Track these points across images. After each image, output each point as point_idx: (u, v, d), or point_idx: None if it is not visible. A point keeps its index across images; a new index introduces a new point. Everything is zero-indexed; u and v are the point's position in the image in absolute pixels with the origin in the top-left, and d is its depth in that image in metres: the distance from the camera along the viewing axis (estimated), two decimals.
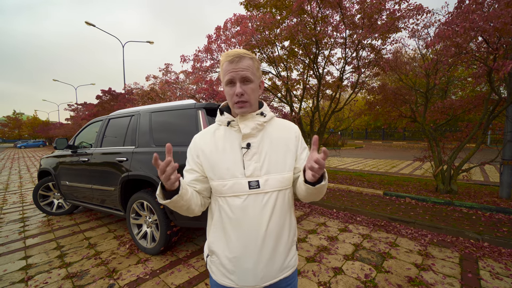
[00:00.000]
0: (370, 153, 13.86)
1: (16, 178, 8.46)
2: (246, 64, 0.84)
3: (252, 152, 0.88)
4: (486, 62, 3.75)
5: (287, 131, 0.96)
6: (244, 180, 0.86)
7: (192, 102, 2.58)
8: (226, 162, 0.88)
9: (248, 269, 0.86)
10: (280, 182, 0.89)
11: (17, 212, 4.45)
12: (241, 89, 0.84)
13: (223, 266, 0.89)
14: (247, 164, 0.87)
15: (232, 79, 0.84)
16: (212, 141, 0.92)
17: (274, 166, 0.89)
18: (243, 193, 0.86)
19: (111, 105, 15.06)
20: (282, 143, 0.93)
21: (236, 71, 0.83)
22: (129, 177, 2.73)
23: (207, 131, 0.96)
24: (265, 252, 0.86)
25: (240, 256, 0.86)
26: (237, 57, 0.83)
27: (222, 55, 0.87)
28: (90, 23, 14.46)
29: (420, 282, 2.14)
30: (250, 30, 5.10)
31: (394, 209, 3.95)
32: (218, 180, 0.88)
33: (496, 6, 3.14)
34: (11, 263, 2.61)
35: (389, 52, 5.43)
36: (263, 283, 0.88)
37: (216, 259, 0.91)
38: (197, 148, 0.92)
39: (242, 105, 0.86)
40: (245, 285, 0.87)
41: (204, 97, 7.19)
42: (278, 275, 0.90)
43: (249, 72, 0.84)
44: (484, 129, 4.18)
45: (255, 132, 0.90)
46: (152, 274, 2.34)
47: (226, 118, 0.92)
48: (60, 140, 3.72)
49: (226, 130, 0.93)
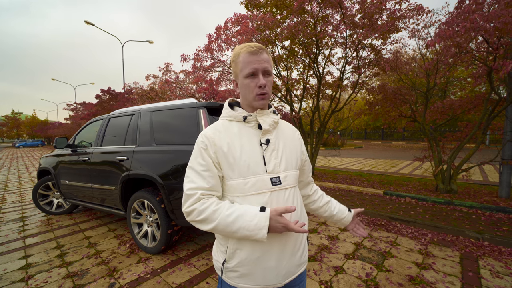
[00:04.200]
0: (370, 153, 13.88)
1: (15, 177, 8.42)
2: (266, 57, 0.83)
3: (271, 148, 0.87)
4: (486, 62, 3.77)
5: (292, 131, 1.00)
6: (267, 176, 0.84)
7: (193, 101, 2.57)
8: (246, 159, 0.83)
9: (271, 267, 0.83)
10: (295, 178, 0.91)
11: (17, 211, 4.43)
12: (264, 81, 0.83)
13: (245, 269, 0.83)
14: (268, 160, 0.86)
15: (255, 71, 0.82)
16: (228, 137, 0.86)
17: (290, 163, 0.90)
18: (266, 190, 0.83)
19: (110, 105, 15.03)
20: (292, 142, 0.96)
21: (259, 63, 0.81)
22: (130, 176, 2.73)
23: (218, 127, 0.89)
24: (288, 248, 0.86)
25: (263, 256, 0.82)
26: (260, 49, 0.82)
27: (239, 48, 0.85)
28: (89, 22, 14.42)
29: (421, 281, 2.14)
30: (250, 29, 5.10)
31: (394, 208, 3.96)
32: (238, 179, 0.83)
33: (496, 6, 3.15)
34: (11, 262, 2.60)
35: (389, 52, 5.44)
36: (285, 280, 0.86)
37: (237, 262, 0.84)
38: (213, 144, 0.84)
39: (264, 96, 0.84)
40: (267, 284, 0.84)
41: (204, 97, 7.19)
42: (297, 270, 0.90)
43: (269, 65, 0.84)
44: (484, 129, 4.19)
45: (271, 129, 0.90)
46: (153, 273, 2.34)
47: (241, 113, 0.88)
48: (60, 139, 3.70)
49: (240, 126, 0.89)
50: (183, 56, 6.22)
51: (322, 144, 7.17)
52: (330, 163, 9.71)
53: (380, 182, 5.81)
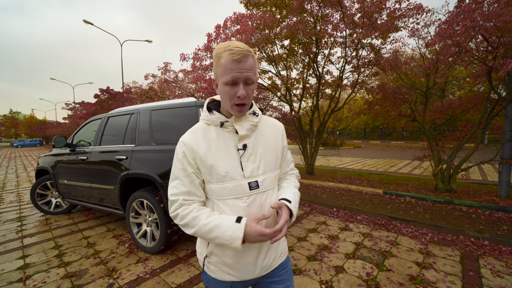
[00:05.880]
0: (369, 153, 13.90)
1: (13, 177, 8.38)
2: (250, 64, 0.78)
3: (248, 153, 0.87)
4: (485, 62, 3.77)
5: (275, 130, 0.98)
6: (244, 181, 0.85)
7: (193, 100, 2.56)
8: (223, 165, 0.84)
9: (249, 263, 0.89)
10: (273, 180, 0.93)
11: (14, 211, 4.40)
12: (245, 92, 0.79)
13: (224, 264, 0.89)
14: (245, 165, 0.86)
15: (236, 80, 0.78)
16: (205, 143, 0.86)
17: (268, 165, 0.91)
18: (244, 194, 0.85)
19: (109, 104, 14.97)
20: (273, 143, 0.95)
21: (241, 72, 0.77)
22: (129, 175, 2.71)
23: (195, 132, 0.89)
24: (264, 246, 0.91)
25: (241, 253, 0.87)
26: (243, 56, 0.76)
27: (222, 48, 0.78)
28: (88, 22, 14.35)
29: (422, 281, 2.14)
30: (250, 28, 5.08)
31: (394, 207, 3.96)
32: (217, 183, 0.85)
33: (496, 6, 3.15)
34: (9, 262, 2.58)
35: (389, 52, 5.44)
36: (263, 272, 0.93)
37: (217, 259, 0.89)
38: (191, 151, 0.85)
39: (242, 108, 0.82)
40: (246, 278, 0.91)
41: (204, 96, 7.16)
42: (273, 264, 0.95)
43: (252, 73, 0.79)
44: (483, 128, 4.19)
45: (250, 133, 0.89)
46: (152, 273, 2.32)
47: (218, 118, 0.87)
48: (59, 138, 3.67)
49: (218, 131, 0.88)
50: (182, 55, 6.20)
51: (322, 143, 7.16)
52: (329, 163, 9.70)
53: (379, 181, 5.81)
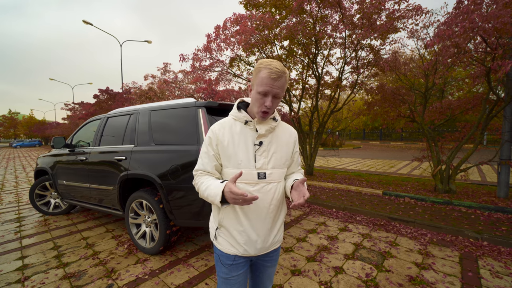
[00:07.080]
0: (368, 153, 13.91)
1: (11, 177, 8.35)
2: (282, 83, 0.96)
3: (262, 149, 1.05)
4: (484, 63, 3.78)
5: (289, 136, 1.15)
6: (255, 171, 1.03)
7: (193, 101, 2.55)
8: (241, 154, 1.03)
9: (253, 240, 1.06)
10: (279, 175, 1.10)
11: (13, 212, 4.38)
12: (271, 104, 0.98)
13: (232, 237, 1.06)
14: (258, 158, 1.04)
15: (267, 93, 0.96)
16: (229, 135, 1.05)
17: (278, 162, 1.08)
18: (253, 181, 1.03)
19: (108, 105, 14.96)
20: (285, 145, 1.12)
21: (272, 87, 0.95)
22: (128, 176, 2.70)
23: (224, 124, 1.08)
24: (266, 228, 1.07)
25: (247, 230, 1.04)
26: (279, 77, 0.94)
27: (264, 64, 0.95)
28: (87, 22, 14.34)
29: (421, 281, 2.14)
30: (249, 29, 5.09)
31: (394, 208, 3.96)
32: (232, 169, 1.04)
33: (495, 7, 3.16)
34: (7, 263, 2.56)
35: (388, 53, 5.45)
36: (260, 252, 1.10)
37: (226, 231, 1.07)
38: (216, 139, 1.05)
39: (266, 115, 1.01)
40: (247, 254, 1.07)
41: (203, 96, 7.17)
42: (271, 247, 1.13)
43: (281, 91, 0.97)
44: (482, 129, 4.20)
45: (267, 133, 1.06)
46: (152, 274, 2.32)
47: (244, 117, 1.05)
48: (58, 139, 3.67)
49: (242, 126, 1.06)
50: (181, 55, 6.20)
51: (321, 144, 7.16)
52: (329, 163, 9.71)
53: (379, 182, 5.82)
